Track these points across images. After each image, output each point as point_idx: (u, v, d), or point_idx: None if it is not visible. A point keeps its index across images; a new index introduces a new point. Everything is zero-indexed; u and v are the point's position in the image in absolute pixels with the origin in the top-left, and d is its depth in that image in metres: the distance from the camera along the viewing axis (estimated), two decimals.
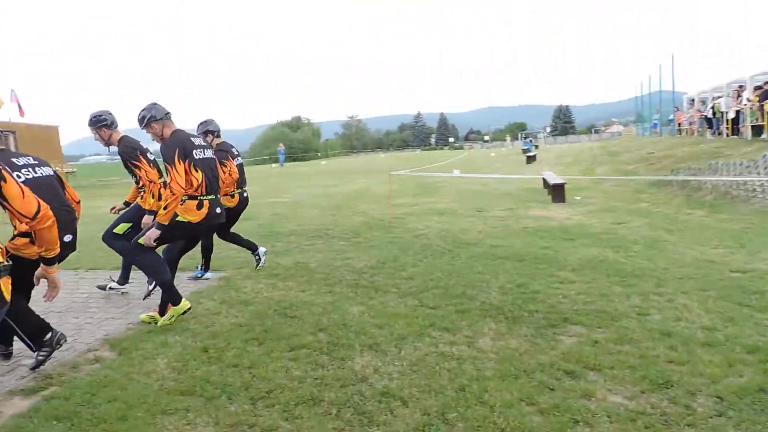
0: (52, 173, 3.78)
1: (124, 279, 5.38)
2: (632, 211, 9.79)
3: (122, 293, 5.35)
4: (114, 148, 4.96)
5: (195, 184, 4.34)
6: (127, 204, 5.45)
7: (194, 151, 4.38)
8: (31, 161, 3.69)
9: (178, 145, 4.26)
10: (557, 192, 11.50)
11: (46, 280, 3.08)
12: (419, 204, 11.90)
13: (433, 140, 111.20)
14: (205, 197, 4.42)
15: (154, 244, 4.25)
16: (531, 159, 26.38)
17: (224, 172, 5.49)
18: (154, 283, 4.80)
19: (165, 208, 4.15)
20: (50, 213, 2.80)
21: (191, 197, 4.36)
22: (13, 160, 3.56)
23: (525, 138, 55.62)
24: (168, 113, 4.44)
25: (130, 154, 4.86)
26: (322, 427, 2.75)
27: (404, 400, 2.97)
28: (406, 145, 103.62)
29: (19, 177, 3.36)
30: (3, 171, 2.63)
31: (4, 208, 2.73)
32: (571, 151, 33.43)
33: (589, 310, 4.32)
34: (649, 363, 3.32)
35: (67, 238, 3.62)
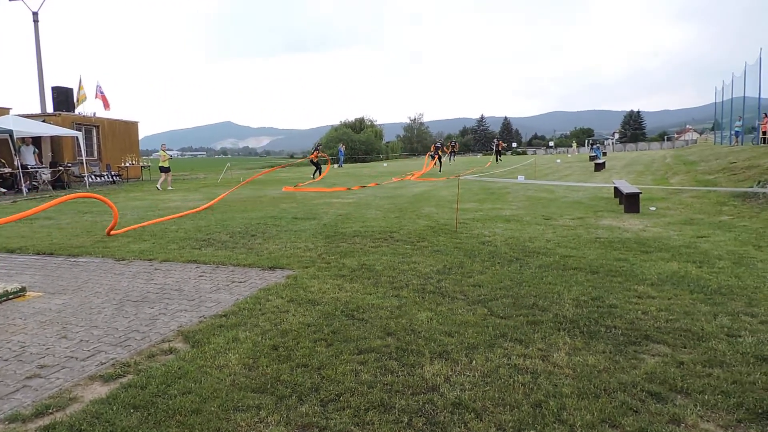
0: None
1: None
2: (714, 225, 9.21)
3: None
4: None
5: None
6: None
7: None
8: None
9: None
10: (631, 202, 10.97)
11: None
12: (484, 210, 11.68)
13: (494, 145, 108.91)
14: None
15: None
16: (600, 167, 25.40)
17: None
18: None
19: None
20: None
21: None
22: None
23: (592, 144, 53.78)
24: None
25: None
26: None
27: (478, 413, 2.86)
28: (467, 150, 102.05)
29: None
30: None
31: None
32: (641, 159, 31.99)
33: (672, 329, 4.05)
34: (745, 389, 3.06)
35: None
